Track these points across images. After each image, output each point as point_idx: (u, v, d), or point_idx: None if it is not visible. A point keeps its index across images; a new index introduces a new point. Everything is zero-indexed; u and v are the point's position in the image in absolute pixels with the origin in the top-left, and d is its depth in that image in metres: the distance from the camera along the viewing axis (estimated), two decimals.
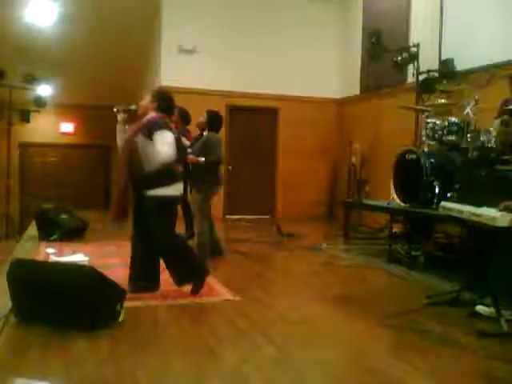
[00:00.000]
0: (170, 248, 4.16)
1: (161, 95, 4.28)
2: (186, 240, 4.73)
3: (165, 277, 4.75)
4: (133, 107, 4.31)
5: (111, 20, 9.58)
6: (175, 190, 4.15)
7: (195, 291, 4.15)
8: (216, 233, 5.87)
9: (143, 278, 4.19)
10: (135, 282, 4.15)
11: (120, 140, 4.25)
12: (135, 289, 4.05)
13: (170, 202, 4.12)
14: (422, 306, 3.92)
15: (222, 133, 6.12)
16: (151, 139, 3.95)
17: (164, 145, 3.93)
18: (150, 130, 3.99)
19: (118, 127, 4.30)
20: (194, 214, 5.93)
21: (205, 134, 5.75)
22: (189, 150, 5.85)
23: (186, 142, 5.91)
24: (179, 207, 6.87)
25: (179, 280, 4.17)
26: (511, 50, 6.15)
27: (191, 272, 4.20)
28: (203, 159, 5.47)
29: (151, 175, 3.97)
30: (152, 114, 4.15)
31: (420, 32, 7.76)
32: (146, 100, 4.23)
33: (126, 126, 4.25)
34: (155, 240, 4.09)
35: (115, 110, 4.32)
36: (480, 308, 3.68)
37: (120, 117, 4.29)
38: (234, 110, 9.58)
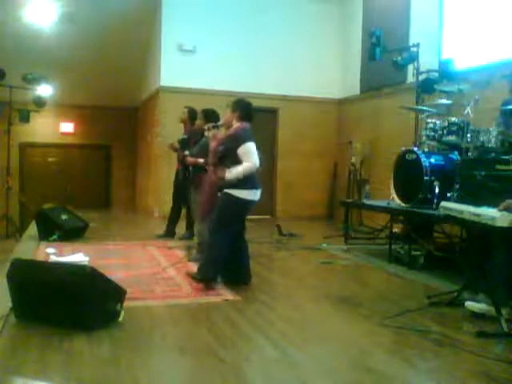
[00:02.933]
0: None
1: (239, 104, 4.58)
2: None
3: (165, 276, 4.76)
4: (220, 123, 4.70)
5: (111, 20, 9.59)
6: (251, 194, 4.38)
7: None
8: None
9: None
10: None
11: (211, 150, 4.60)
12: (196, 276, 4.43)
13: (243, 203, 4.36)
14: (421, 306, 3.93)
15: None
16: (235, 150, 4.29)
17: (251, 154, 4.31)
18: (234, 142, 4.33)
19: (211, 142, 4.61)
20: (194, 214, 5.93)
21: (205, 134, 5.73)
22: (186, 152, 5.85)
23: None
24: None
25: (200, 268, 4.42)
26: (511, 50, 6.16)
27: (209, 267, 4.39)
28: (202, 160, 5.43)
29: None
30: (236, 125, 4.46)
31: (420, 32, 7.76)
32: (227, 113, 4.56)
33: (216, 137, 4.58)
34: (211, 225, 4.40)
35: (207, 127, 4.65)
36: (469, 304, 3.68)
37: (210, 133, 4.64)
38: None
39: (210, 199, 4.52)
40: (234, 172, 4.26)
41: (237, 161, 4.29)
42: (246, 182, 4.29)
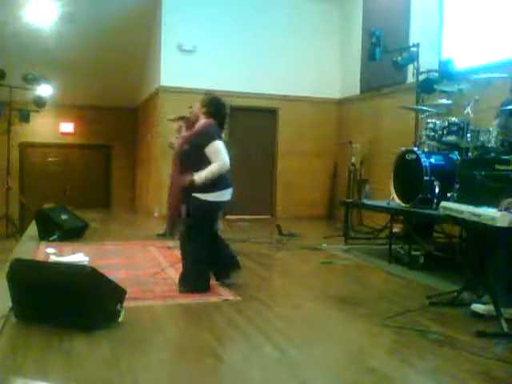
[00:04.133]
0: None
1: (211, 100, 4.35)
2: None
3: (165, 276, 4.75)
4: (184, 115, 4.46)
5: (111, 20, 9.60)
6: (222, 195, 4.23)
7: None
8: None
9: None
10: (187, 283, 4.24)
11: (177, 147, 4.45)
12: (186, 290, 4.17)
13: (216, 206, 4.24)
14: (421, 306, 3.93)
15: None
16: (202, 148, 4.07)
17: (220, 154, 4.09)
18: (201, 140, 4.11)
19: (175, 134, 4.38)
20: None
21: None
22: None
23: None
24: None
25: (181, 279, 4.23)
26: (511, 50, 6.16)
27: (194, 277, 4.25)
28: None
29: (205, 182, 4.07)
30: (203, 121, 4.24)
31: (420, 32, 7.76)
32: (197, 106, 4.31)
33: (182, 133, 4.37)
34: (186, 233, 4.22)
35: (170, 119, 4.43)
36: (475, 306, 3.68)
37: (175, 125, 4.40)
38: (234, 109, 9.56)
39: (178, 204, 4.26)
40: (203, 174, 4.04)
41: (203, 160, 4.07)
42: (216, 183, 4.10)
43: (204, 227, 4.23)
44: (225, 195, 4.25)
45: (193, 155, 4.12)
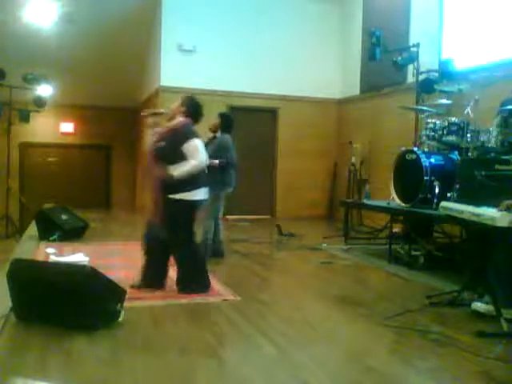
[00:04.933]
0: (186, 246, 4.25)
1: (190, 101, 4.34)
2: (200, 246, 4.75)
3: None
4: (161, 110, 4.41)
5: (111, 20, 9.59)
6: (201, 193, 4.22)
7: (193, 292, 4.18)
8: (220, 234, 5.85)
9: (154, 278, 4.28)
10: (144, 280, 4.26)
11: (149, 143, 4.34)
12: (142, 286, 4.20)
13: (194, 205, 4.22)
14: (422, 306, 3.93)
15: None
16: (179, 146, 4.05)
17: (198, 152, 4.07)
18: (178, 137, 4.09)
19: (148, 131, 4.36)
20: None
21: (218, 135, 5.78)
22: None
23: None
24: None
25: (181, 282, 4.22)
26: (511, 50, 6.16)
27: (195, 277, 4.25)
28: (217, 161, 5.47)
29: (180, 181, 4.04)
30: (179, 119, 4.22)
31: (420, 32, 7.76)
32: (176, 104, 4.30)
33: (155, 130, 4.34)
34: (173, 237, 4.17)
35: (144, 113, 4.41)
36: (476, 305, 3.68)
37: (149, 120, 4.37)
38: (234, 109, 9.57)
39: (158, 201, 4.19)
40: (180, 170, 4.01)
41: (179, 158, 4.05)
42: (194, 182, 4.11)
43: (192, 225, 4.25)
44: (204, 194, 4.27)
45: (168, 152, 4.10)
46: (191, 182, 4.10)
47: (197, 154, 4.09)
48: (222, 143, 5.67)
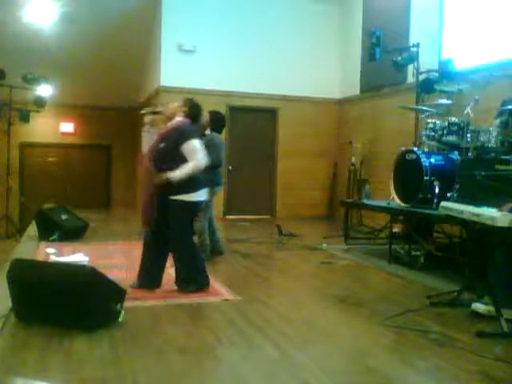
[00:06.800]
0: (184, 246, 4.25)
1: (191, 102, 4.38)
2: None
3: (165, 277, 4.75)
4: (160, 109, 4.40)
5: (111, 20, 9.59)
6: (201, 194, 4.25)
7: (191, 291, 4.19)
8: (216, 233, 5.87)
9: (149, 277, 4.28)
10: (140, 280, 4.27)
11: (145, 142, 4.37)
12: (140, 286, 4.21)
13: (196, 206, 4.26)
14: (422, 306, 3.93)
15: (222, 133, 6.11)
16: (179, 146, 4.05)
17: (197, 153, 4.09)
18: (177, 137, 4.09)
19: (145, 129, 4.35)
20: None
21: (207, 133, 5.73)
22: None
23: None
24: None
25: (181, 281, 4.22)
26: (511, 50, 6.16)
27: (195, 275, 4.25)
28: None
29: (182, 182, 4.05)
30: (179, 119, 4.22)
31: (420, 32, 7.76)
32: (176, 104, 4.31)
33: (152, 128, 4.32)
34: (174, 237, 4.18)
35: (143, 112, 4.40)
36: (476, 306, 3.68)
37: (147, 119, 4.38)
38: (234, 109, 9.58)
39: (152, 203, 4.21)
40: (179, 172, 4.01)
41: (178, 158, 4.05)
42: (194, 183, 4.11)
43: (187, 228, 4.26)
44: (203, 194, 4.30)
45: (168, 152, 4.09)
46: (192, 183, 4.11)
47: (196, 154, 4.10)
48: (209, 142, 5.43)
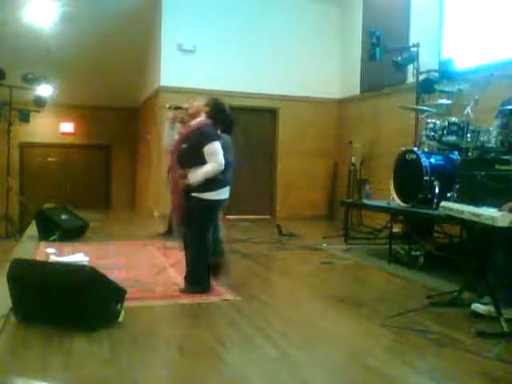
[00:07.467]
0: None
1: (215, 102, 4.37)
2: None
3: (165, 277, 4.76)
4: (185, 105, 4.36)
5: (111, 20, 9.60)
6: (221, 193, 4.25)
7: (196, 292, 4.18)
8: (219, 234, 5.85)
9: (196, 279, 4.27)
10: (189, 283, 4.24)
11: (167, 138, 4.36)
12: (188, 290, 4.18)
13: (217, 204, 4.28)
14: (422, 306, 3.93)
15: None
16: (201, 147, 4.05)
17: (218, 155, 4.07)
18: (200, 138, 4.09)
19: (167, 124, 4.33)
20: None
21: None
22: None
23: None
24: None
25: (188, 280, 4.24)
26: (511, 50, 6.16)
27: (198, 278, 4.24)
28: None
29: (205, 180, 4.07)
30: (202, 118, 4.22)
31: (420, 32, 7.76)
32: (200, 102, 4.29)
33: (176, 124, 4.31)
34: (190, 234, 4.21)
35: (167, 106, 4.37)
36: (476, 306, 3.68)
37: (169, 114, 4.35)
38: (233, 109, 9.50)
39: (182, 203, 4.20)
40: (199, 174, 4.03)
41: (200, 159, 4.06)
42: (214, 182, 4.11)
43: (205, 226, 4.24)
44: (223, 193, 4.29)
45: (190, 154, 4.11)
46: (216, 181, 4.13)
47: (215, 157, 4.09)
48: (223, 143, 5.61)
